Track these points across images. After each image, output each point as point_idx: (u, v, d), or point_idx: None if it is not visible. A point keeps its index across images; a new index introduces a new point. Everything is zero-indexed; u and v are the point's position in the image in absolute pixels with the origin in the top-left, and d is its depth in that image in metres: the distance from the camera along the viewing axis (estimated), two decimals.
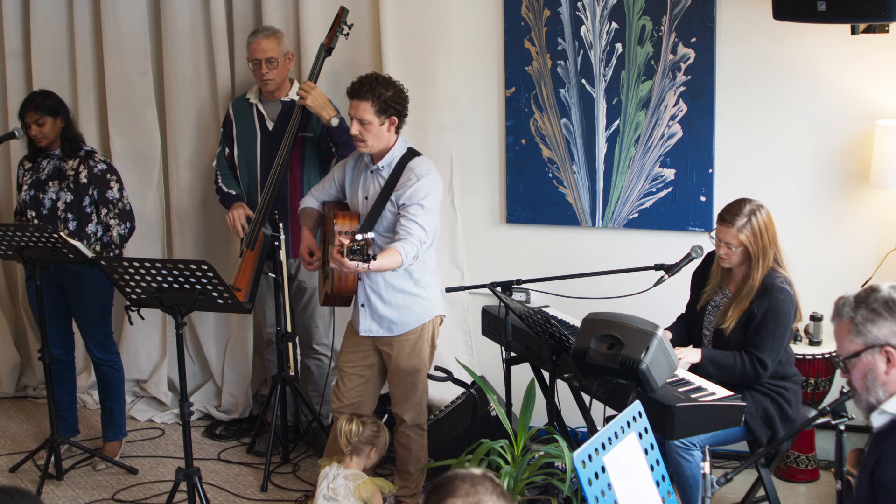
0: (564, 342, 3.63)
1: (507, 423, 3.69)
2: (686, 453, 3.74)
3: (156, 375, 5.62)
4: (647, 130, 4.70)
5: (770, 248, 3.86)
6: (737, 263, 3.91)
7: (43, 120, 4.65)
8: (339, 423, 4.01)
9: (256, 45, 4.78)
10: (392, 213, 4.00)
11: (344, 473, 3.95)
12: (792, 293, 3.84)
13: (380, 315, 4.11)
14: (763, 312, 3.80)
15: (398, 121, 4.02)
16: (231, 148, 4.98)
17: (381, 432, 4.04)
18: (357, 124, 3.98)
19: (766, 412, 3.83)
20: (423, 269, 4.08)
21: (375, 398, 4.31)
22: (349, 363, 4.23)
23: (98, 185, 4.67)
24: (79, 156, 4.70)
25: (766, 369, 3.79)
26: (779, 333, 3.80)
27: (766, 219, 3.86)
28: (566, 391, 3.96)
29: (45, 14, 5.50)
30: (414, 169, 4.01)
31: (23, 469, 4.87)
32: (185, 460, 4.09)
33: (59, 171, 4.70)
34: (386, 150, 4.06)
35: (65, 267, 4.63)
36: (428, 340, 4.17)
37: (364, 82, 3.97)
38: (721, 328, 3.89)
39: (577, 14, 4.72)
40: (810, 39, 4.42)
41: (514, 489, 3.48)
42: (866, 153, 4.41)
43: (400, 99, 4.00)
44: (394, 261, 3.77)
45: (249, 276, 4.73)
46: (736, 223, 3.82)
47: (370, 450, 4.00)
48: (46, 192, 4.69)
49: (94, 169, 4.67)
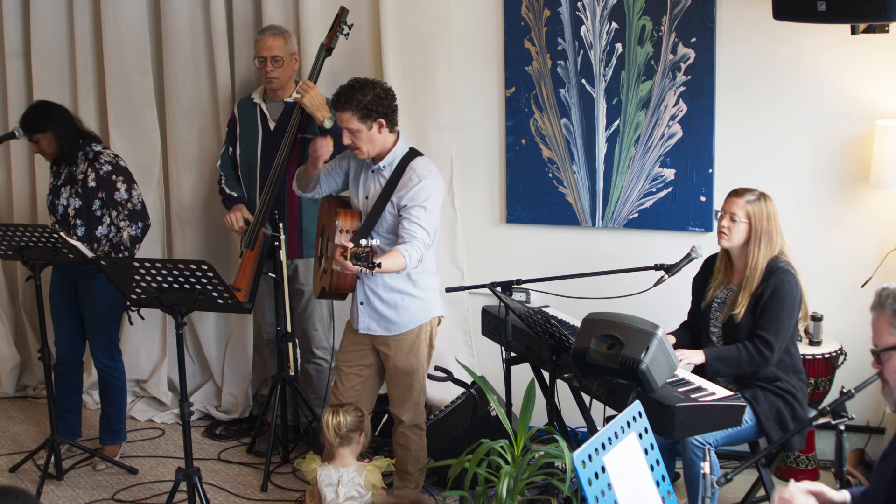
0: (564, 342, 3.63)
1: (507, 423, 3.69)
2: (701, 452, 3.73)
3: (156, 375, 5.62)
4: (647, 130, 4.70)
5: (775, 236, 3.90)
6: (736, 242, 3.91)
7: (36, 138, 4.66)
8: (324, 419, 3.96)
9: (263, 43, 4.79)
10: (392, 215, 4.00)
11: (347, 473, 3.97)
12: (797, 277, 3.87)
13: (378, 313, 4.10)
14: (769, 294, 3.83)
15: (386, 121, 3.99)
16: (234, 147, 4.99)
17: (363, 415, 4.04)
18: (347, 134, 3.98)
19: (779, 413, 3.84)
20: (421, 271, 4.08)
21: (373, 398, 4.31)
22: (347, 362, 4.23)
23: (105, 188, 4.64)
24: (87, 158, 4.68)
25: (772, 351, 3.79)
26: (784, 314, 3.82)
27: (773, 207, 3.94)
28: (566, 391, 3.96)
29: (45, 14, 5.51)
30: (416, 170, 4.00)
31: (23, 469, 4.87)
32: (185, 460, 4.09)
33: (71, 176, 4.69)
34: (386, 151, 4.05)
35: (79, 266, 4.62)
36: (426, 341, 4.17)
37: (342, 93, 3.96)
38: (732, 315, 3.90)
39: (577, 14, 4.72)
40: (810, 39, 4.42)
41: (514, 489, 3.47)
42: (866, 153, 4.41)
43: (380, 100, 3.96)
44: (398, 264, 3.76)
45: (249, 276, 4.73)
46: (745, 196, 3.92)
47: (359, 435, 4.00)
48: (59, 197, 4.69)
49: (100, 171, 4.64)
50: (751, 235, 3.90)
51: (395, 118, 4.04)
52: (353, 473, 3.96)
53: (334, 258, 3.62)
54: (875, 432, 4.55)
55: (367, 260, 3.48)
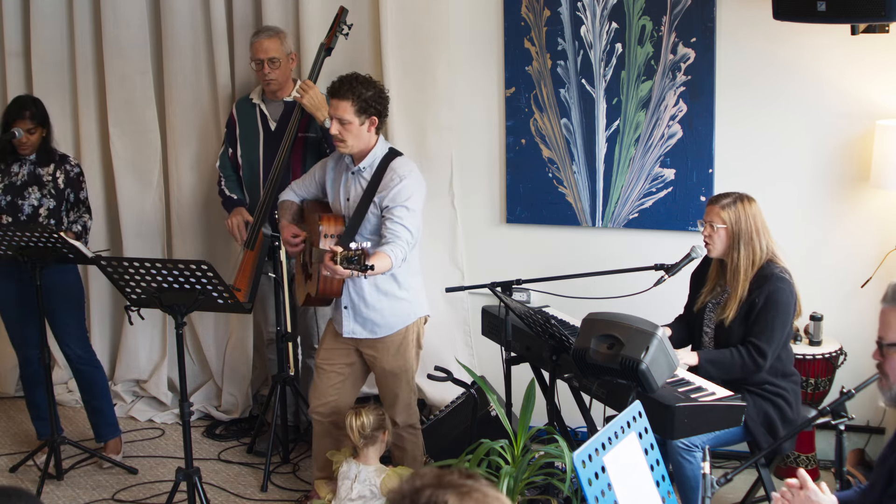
0: (564, 342, 3.63)
1: (507, 423, 3.69)
2: (688, 454, 3.74)
3: (156, 375, 5.62)
4: (647, 130, 4.70)
5: (757, 238, 3.87)
6: (721, 250, 3.91)
7: (35, 129, 4.66)
8: (347, 421, 4.02)
9: (259, 45, 4.78)
10: (375, 216, 3.98)
11: (366, 471, 3.99)
12: (792, 284, 3.85)
13: (363, 317, 4.08)
14: (763, 302, 3.81)
15: (378, 121, 3.99)
16: (234, 148, 4.98)
17: (383, 413, 4.10)
18: (337, 124, 3.94)
19: (767, 417, 3.83)
20: (406, 272, 4.06)
21: (353, 397, 4.28)
22: (328, 361, 4.20)
23: (73, 188, 4.72)
24: (54, 161, 4.72)
25: (764, 359, 3.78)
26: (778, 323, 3.80)
27: (753, 209, 3.90)
28: (566, 391, 3.96)
29: (45, 14, 5.51)
30: (396, 170, 3.97)
31: (23, 469, 4.87)
32: (185, 460, 4.09)
33: (36, 177, 4.69)
34: (366, 151, 4.02)
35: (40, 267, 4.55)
36: (413, 342, 4.16)
37: (344, 81, 3.94)
38: (722, 320, 3.90)
39: (577, 14, 4.72)
40: (810, 39, 4.41)
41: (514, 489, 3.48)
42: (866, 153, 4.41)
43: (380, 99, 3.96)
44: (384, 265, 3.73)
45: (249, 275, 4.73)
46: (721, 201, 3.91)
47: (382, 434, 4.03)
48: (26, 198, 4.67)
49: (70, 173, 4.73)
50: (732, 239, 3.89)
51: (384, 122, 4.06)
52: (372, 473, 4.00)
53: (323, 263, 3.59)
54: (875, 432, 4.55)
55: (359, 263, 3.43)
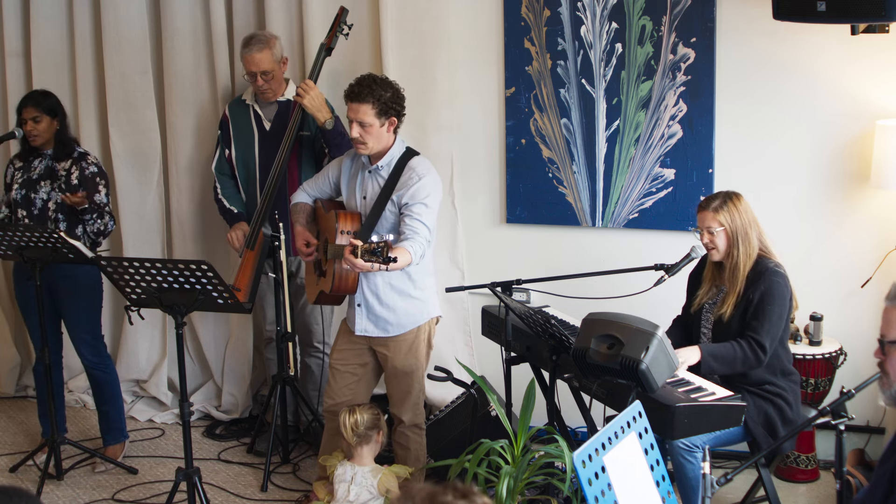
0: (564, 342, 3.63)
1: (507, 423, 3.69)
2: (689, 455, 3.74)
3: (156, 375, 5.62)
4: (647, 130, 4.70)
5: (751, 230, 3.90)
6: (725, 251, 3.93)
7: (41, 118, 4.67)
8: (341, 418, 4.02)
9: (250, 59, 4.75)
10: (392, 214, 4.00)
11: (361, 472, 3.98)
12: (786, 277, 3.88)
13: (376, 315, 4.10)
14: (759, 297, 3.83)
15: (397, 121, 4.02)
16: (229, 149, 4.98)
17: (379, 413, 4.09)
18: (357, 127, 3.95)
19: (767, 417, 3.84)
20: (421, 271, 4.08)
21: (367, 397, 4.30)
22: (342, 361, 4.22)
23: (88, 188, 4.68)
24: (72, 157, 4.72)
25: (765, 353, 3.80)
26: (775, 315, 3.82)
27: (742, 204, 3.94)
28: (566, 391, 3.96)
29: (45, 14, 5.51)
30: (415, 168, 4.00)
31: (23, 469, 4.87)
32: (185, 460, 4.09)
33: (51, 171, 4.71)
34: (385, 150, 4.05)
35: (55, 267, 4.60)
36: (424, 341, 4.17)
37: (363, 84, 3.95)
38: (720, 315, 3.92)
39: (577, 14, 4.72)
40: (810, 39, 4.42)
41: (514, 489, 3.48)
42: (866, 153, 4.41)
43: (398, 99, 4.00)
44: (405, 259, 3.74)
45: (249, 275, 4.73)
46: (711, 205, 3.93)
47: (377, 434, 4.02)
48: (38, 191, 4.69)
49: (85, 171, 4.70)
50: (731, 238, 3.91)
51: (402, 121, 4.06)
52: (368, 474, 3.98)
53: (343, 257, 3.59)
54: (875, 432, 4.55)
55: (381, 255, 3.44)
